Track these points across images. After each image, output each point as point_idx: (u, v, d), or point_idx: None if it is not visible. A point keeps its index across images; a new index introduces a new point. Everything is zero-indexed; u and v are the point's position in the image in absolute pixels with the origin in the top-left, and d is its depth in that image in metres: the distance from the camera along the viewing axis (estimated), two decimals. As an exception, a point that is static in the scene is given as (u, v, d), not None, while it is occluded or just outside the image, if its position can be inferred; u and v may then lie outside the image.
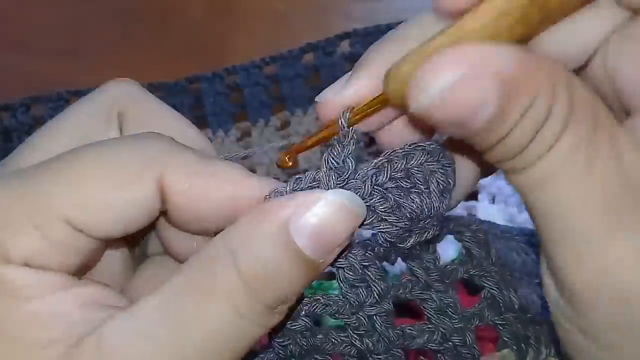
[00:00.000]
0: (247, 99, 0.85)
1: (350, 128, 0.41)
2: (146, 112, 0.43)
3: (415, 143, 0.44)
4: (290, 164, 0.42)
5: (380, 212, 0.42)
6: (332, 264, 0.42)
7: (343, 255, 0.42)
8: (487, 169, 0.45)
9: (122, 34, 0.94)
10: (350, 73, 0.42)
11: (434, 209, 0.43)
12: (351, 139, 0.41)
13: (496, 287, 0.46)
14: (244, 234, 0.36)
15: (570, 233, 0.35)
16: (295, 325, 0.44)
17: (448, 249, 0.48)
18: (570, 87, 0.33)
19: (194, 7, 0.96)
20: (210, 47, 0.92)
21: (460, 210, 0.73)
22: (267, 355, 0.45)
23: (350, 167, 0.42)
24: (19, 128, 0.82)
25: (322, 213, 0.37)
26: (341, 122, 0.41)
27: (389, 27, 0.86)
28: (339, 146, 0.41)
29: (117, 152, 0.38)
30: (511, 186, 0.37)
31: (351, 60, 0.86)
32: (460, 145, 0.42)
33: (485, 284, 0.46)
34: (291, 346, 0.44)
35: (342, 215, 0.38)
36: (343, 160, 0.42)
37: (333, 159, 0.42)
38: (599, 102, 0.35)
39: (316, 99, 0.41)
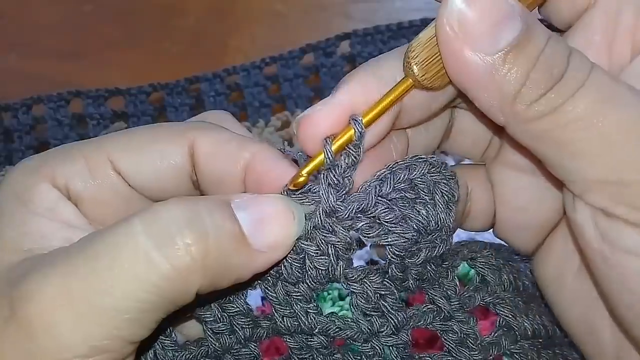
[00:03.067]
0: (247, 99, 0.85)
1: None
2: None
3: (417, 155, 0.44)
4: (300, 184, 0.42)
5: (386, 224, 0.42)
6: (326, 282, 0.42)
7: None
8: None
9: (122, 34, 0.94)
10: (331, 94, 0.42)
11: (440, 220, 0.43)
12: (339, 168, 0.41)
13: (512, 315, 0.46)
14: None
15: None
16: (231, 307, 0.43)
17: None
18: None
19: (195, 8, 0.96)
20: (210, 48, 0.92)
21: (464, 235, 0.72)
22: None
23: (349, 185, 0.42)
24: (20, 128, 0.83)
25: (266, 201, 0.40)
26: (356, 126, 0.41)
27: (389, 27, 0.87)
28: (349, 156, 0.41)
29: (164, 125, 0.46)
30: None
31: (351, 61, 0.87)
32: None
33: (500, 313, 0.46)
34: None
35: (281, 211, 0.40)
36: (343, 178, 0.42)
37: (333, 176, 0.42)
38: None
39: (297, 117, 0.42)
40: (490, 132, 0.47)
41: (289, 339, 0.44)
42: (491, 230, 0.49)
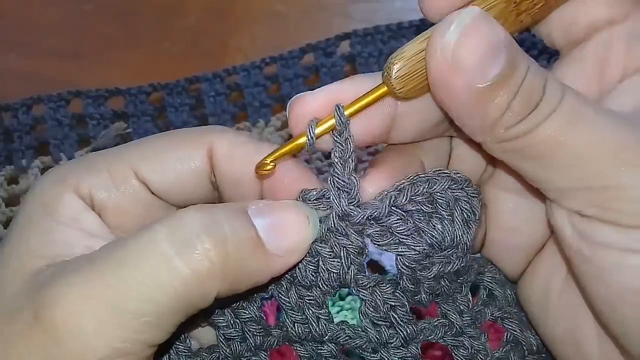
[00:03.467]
0: (247, 99, 0.85)
1: (347, 121, 0.42)
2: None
3: (441, 170, 0.44)
4: (268, 170, 0.43)
5: (398, 234, 0.42)
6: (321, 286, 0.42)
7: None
8: None
9: (122, 34, 0.94)
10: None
11: (456, 237, 0.43)
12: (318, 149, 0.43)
13: (519, 330, 0.46)
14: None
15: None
16: (244, 314, 0.44)
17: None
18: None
19: (194, 8, 0.96)
20: (210, 48, 0.92)
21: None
22: None
23: (356, 183, 0.42)
24: (19, 128, 0.82)
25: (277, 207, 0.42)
26: (338, 117, 0.42)
27: (389, 27, 0.87)
28: (338, 158, 0.42)
29: (181, 130, 0.49)
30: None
31: (351, 61, 0.87)
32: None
33: (508, 328, 0.46)
34: None
35: (295, 217, 0.42)
36: (348, 178, 0.42)
37: (338, 178, 0.42)
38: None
39: (289, 102, 0.46)
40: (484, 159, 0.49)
41: (299, 347, 0.44)
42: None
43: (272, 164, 0.43)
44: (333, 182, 0.42)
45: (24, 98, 0.83)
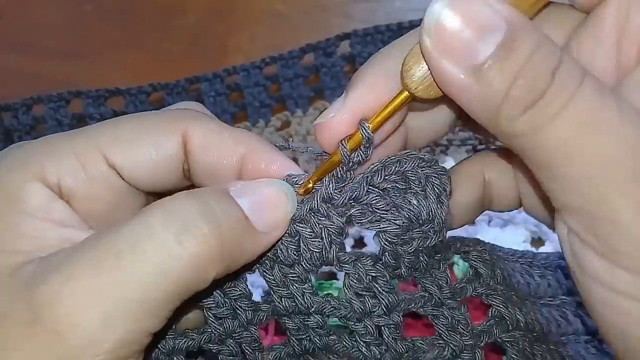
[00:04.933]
0: (247, 99, 0.85)
1: (353, 154, 0.43)
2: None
3: (409, 151, 0.45)
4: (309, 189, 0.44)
5: (378, 210, 0.44)
6: (326, 264, 0.44)
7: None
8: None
9: (122, 34, 0.94)
10: (343, 95, 0.43)
11: (432, 211, 0.44)
12: (353, 165, 0.43)
13: (503, 305, 0.47)
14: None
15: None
16: (234, 291, 0.45)
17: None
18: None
19: (194, 8, 0.96)
20: (210, 48, 0.92)
21: (462, 233, 0.73)
22: (284, 349, 0.46)
23: (348, 178, 0.44)
24: (20, 128, 0.83)
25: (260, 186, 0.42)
26: (342, 150, 0.43)
27: (389, 27, 0.87)
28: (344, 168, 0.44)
29: (151, 114, 0.45)
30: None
31: (351, 61, 0.87)
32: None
33: (492, 303, 0.47)
34: (305, 342, 0.46)
35: (274, 193, 0.42)
36: (346, 171, 0.44)
37: (339, 170, 0.44)
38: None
39: (314, 122, 0.44)
40: None
41: (287, 320, 0.46)
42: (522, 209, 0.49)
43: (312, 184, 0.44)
44: (336, 172, 0.44)
45: (24, 98, 0.83)
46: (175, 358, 0.45)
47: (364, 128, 0.42)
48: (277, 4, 0.96)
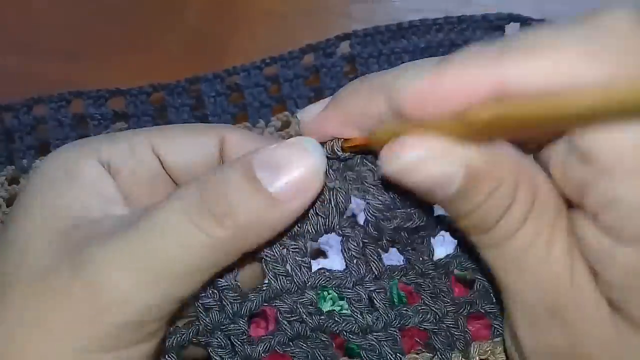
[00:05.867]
0: (247, 99, 0.85)
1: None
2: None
3: None
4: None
5: (365, 183, 0.46)
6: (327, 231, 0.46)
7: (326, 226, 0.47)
8: None
9: (122, 34, 0.94)
10: (330, 98, 0.47)
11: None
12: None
13: (487, 280, 0.48)
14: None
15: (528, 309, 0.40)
16: (220, 282, 0.47)
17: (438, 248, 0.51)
18: (532, 180, 0.38)
19: (194, 8, 0.96)
20: (210, 48, 0.92)
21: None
22: (275, 337, 0.47)
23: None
24: (20, 129, 0.83)
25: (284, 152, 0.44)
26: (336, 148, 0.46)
27: (389, 27, 0.87)
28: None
29: (196, 124, 0.59)
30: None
31: (351, 61, 0.87)
32: None
33: (477, 277, 0.49)
34: (297, 324, 0.47)
35: (287, 150, 0.43)
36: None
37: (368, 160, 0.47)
38: (556, 194, 0.39)
39: (297, 114, 0.48)
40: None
41: (278, 302, 0.47)
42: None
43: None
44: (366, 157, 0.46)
45: (24, 98, 0.83)
46: (167, 356, 0.47)
47: (337, 146, 0.45)
48: (277, 4, 0.96)
